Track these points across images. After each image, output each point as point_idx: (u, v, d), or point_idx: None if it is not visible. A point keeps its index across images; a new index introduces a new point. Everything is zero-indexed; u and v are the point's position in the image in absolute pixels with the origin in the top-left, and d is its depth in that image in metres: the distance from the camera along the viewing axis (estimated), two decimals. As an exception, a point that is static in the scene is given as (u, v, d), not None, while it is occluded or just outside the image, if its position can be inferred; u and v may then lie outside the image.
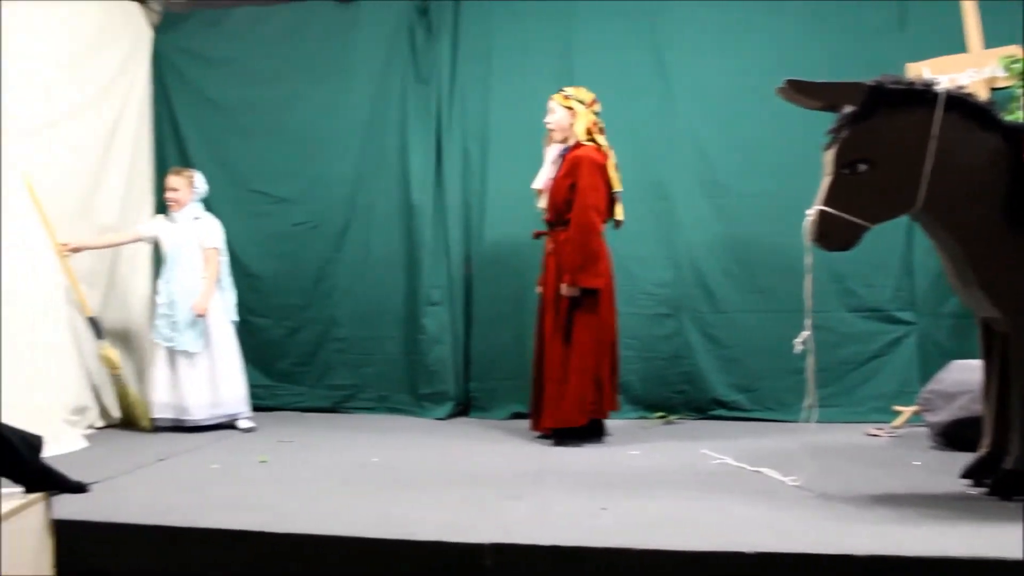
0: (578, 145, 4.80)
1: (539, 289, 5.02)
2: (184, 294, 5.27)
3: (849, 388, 5.38)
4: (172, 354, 5.25)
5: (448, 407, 5.75)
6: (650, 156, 5.59)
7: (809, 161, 4.26)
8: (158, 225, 5.45)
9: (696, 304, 5.57)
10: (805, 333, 3.64)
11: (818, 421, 3.76)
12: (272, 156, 6.02)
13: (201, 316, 5.24)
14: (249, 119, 6.06)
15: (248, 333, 5.84)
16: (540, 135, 5.07)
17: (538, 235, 5.03)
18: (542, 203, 4.97)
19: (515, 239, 5.58)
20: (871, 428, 5.04)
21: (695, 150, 5.58)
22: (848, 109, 3.47)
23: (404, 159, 5.87)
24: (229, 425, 5.32)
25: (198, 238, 5.36)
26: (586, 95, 4.89)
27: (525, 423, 5.28)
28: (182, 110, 6.10)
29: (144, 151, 6.03)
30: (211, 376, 5.27)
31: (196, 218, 5.40)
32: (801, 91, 3.54)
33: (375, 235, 5.93)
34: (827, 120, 3.58)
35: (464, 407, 5.84)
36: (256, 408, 5.81)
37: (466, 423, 5.60)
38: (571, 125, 4.83)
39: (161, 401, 5.23)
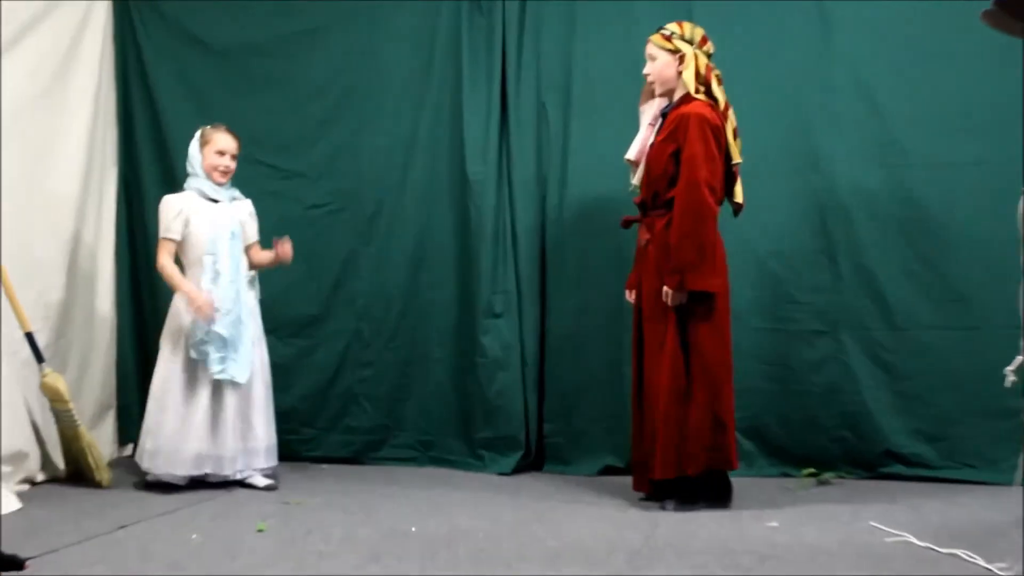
0: (687, 99, 4.76)
1: (629, 295, 5.06)
2: (238, 303, 5.22)
3: (1087, 438, 5.21)
4: (215, 387, 5.19)
5: (515, 458, 5.75)
6: (798, 113, 5.54)
7: (1026, 115, 4.14)
8: (187, 204, 5.28)
9: (863, 317, 5.47)
10: (1020, 359, 3.51)
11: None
12: (281, 116, 6.09)
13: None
14: (250, 67, 6.14)
15: None
16: (641, 85, 5.02)
17: (628, 222, 5.00)
18: (636, 179, 4.97)
19: (609, 226, 5.50)
20: (1116, 495, 4.85)
21: (862, 103, 5.48)
22: (1088, 37, 3.30)
23: (457, 119, 5.91)
24: (238, 481, 5.30)
25: (242, 225, 5.35)
26: (694, 32, 4.85)
27: (621, 480, 5.26)
28: (156, 54, 6.18)
29: (106, 110, 6.11)
30: (244, 413, 5.26)
31: (234, 198, 5.39)
32: (1018, 13, 3.37)
33: (417, 222, 5.97)
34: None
35: (537, 458, 5.83)
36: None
37: (539, 480, 5.60)
38: (678, 74, 4.80)
39: (197, 452, 5.14)
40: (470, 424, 5.86)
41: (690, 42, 4.79)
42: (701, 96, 4.73)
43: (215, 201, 5.30)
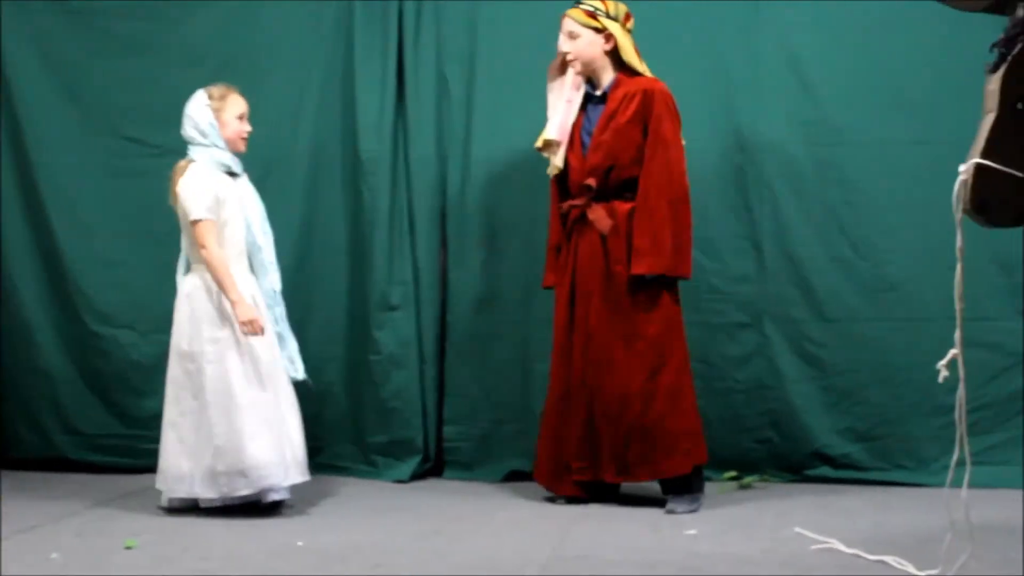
0: (632, 76, 5.00)
1: (555, 281, 5.12)
2: (279, 295, 5.16)
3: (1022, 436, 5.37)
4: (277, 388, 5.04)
5: (412, 464, 5.77)
6: (720, 85, 5.61)
7: (964, 92, 4.23)
8: (215, 181, 5.01)
9: (789, 308, 5.57)
10: (954, 352, 3.60)
11: (972, 486, 3.69)
12: (150, 86, 6.00)
13: None
14: (114, 29, 6.05)
15: (100, 354, 5.87)
16: (551, 55, 5.10)
17: (573, 208, 5.05)
18: (558, 160, 5.08)
19: (518, 210, 5.62)
20: (1055, 497, 5.02)
21: (790, 75, 5.57)
22: (1025, 11, 3.43)
23: (348, 91, 5.90)
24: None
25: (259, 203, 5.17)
26: (618, 8, 5.02)
27: (527, 486, 5.34)
28: (10, 15, 6.05)
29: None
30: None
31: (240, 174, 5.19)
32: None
33: (303, 205, 5.95)
34: (993, 28, 3.53)
35: (436, 464, 5.87)
36: (109, 468, 5.87)
37: (440, 487, 5.63)
38: (604, 53, 5.00)
39: (268, 460, 4.87)
40: (363, 427, 5.87)
41: (615, 19, 4.97)
42: (650, 73, 4.99)
43: (233, 176, 5.10)
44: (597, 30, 4.96)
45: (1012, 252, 5.30)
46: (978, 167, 3.41)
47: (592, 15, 4.95)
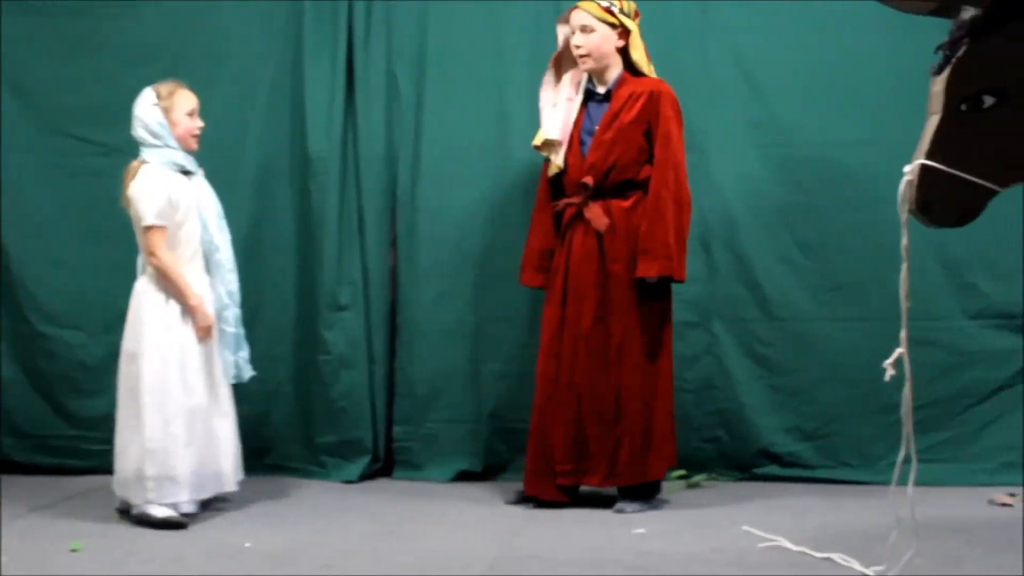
0: (640, 77, 5.03)
1: (545, 280, 5.14)
2: (236, 295, 5.09)
3: (969, 434, 5.45)
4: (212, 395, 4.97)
5: (362, 464, 5.77)
6: (672, 87, 5.58)
7: (910, 93, 4.26)
8: (169, 183, 4.93)
9: (738, 308, 5.62)
10: (899, 351, 3.64)
11: (919, 483, 3.74)
12: (98, 83, 5.97)
13: None
14: (69, 27, 6.01)
15: (46, 354, 5.81)
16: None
17: (569, 206, 5.04)
18: (560, 160, 5.08)
19: (467, 209, 5.63)
20: (999, 495, 5.06)
21: (740, 77, 5.62)
22: (970, 13, 3.45)
23: (298, 90, 5.88)
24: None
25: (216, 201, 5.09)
26: (629, 5, 5.04)
27: (476, 486, 5.39)
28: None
29: None
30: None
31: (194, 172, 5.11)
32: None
33: (252, 204, 5.91)
34: (938, 31, 3.56)
35: (386, 464, 5.87)
36: (54, 469, 5.78)
37: (389, 488, 5.63)
38: (616, 50, 5.01)
39: (195, 469, 4.82)
40: (312, 428, 5.85)
41: (628, 16, 4.99)
42: (654, 74, 5.03)
43: (187, 174, 5.01)
44: (612, 25, 4.95)
45: (957, 252, 5.38)
46: (923, 168, 3.45)
47: (608, 10, 4.94)
